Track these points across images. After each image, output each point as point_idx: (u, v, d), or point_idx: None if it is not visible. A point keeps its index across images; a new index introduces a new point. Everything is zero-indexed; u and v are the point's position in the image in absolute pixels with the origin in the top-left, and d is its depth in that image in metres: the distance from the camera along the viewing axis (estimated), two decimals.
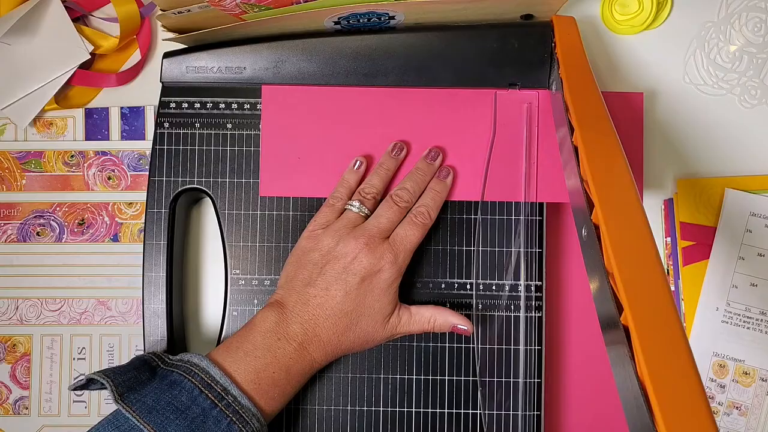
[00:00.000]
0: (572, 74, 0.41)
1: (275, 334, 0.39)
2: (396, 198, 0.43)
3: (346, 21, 0.44)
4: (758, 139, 0.49)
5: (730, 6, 0.50)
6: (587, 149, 0.36)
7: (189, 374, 0.37)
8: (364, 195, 0.43)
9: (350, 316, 0.40)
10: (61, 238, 0.50)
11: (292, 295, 0.41)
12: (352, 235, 0.41)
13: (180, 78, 0.46)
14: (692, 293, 0.47)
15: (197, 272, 0.49)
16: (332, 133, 0.45)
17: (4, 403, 0.49)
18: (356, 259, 0.40)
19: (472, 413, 0.44)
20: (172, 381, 0.37)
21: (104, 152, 0.50)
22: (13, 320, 0.49)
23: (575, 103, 0.39)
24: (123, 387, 0.36)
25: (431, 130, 0.45)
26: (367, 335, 0.41)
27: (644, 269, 0.31)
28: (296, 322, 0.40)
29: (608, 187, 0.34)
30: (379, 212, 0.42)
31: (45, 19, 0.48)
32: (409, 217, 0.43)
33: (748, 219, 0.47)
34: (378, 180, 0.44)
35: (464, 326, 0.43)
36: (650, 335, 0.28)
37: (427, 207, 0.43)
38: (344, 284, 0.40)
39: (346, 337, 0.41)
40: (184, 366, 0.38)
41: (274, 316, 0.40)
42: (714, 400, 0.47)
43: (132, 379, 0.37)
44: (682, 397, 0.27)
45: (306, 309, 0.40)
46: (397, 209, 0.42)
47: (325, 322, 0.40)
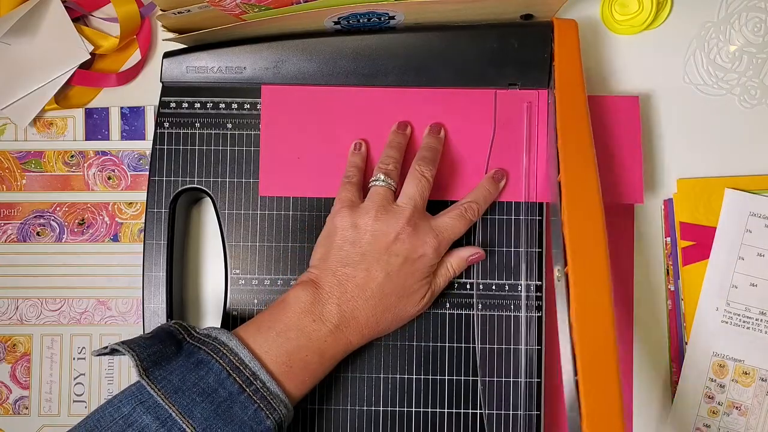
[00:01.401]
0: (564, 95, 0.42)
1: (310, 314, 0.38)
2: (420, 169, 0.42)
3: (346, 21, 0.44)
4: (758, 139, 0.49)
5: (729, 6, 0.50)
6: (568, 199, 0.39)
7: (217, 354, 0.36)
8: (385, 167, 0.42)
9: (390, 297, 0.39)
10: (61, 238, 0.50)
11: (328, 275, 0.39)
12: (392, 213, 0.40)
13: (180, 78, 0.46)
14: (692, 293, 0.47)
15: (197, 272, 0.49)
16: (332, 133, 0.45)
17: (4, 403, 0.49)
18: (398, 239, 0.39)
19: (472, 413, 0.44)
20: (199, 360, 0.36)
21: (104, 152, 0.50)
22: (13, 320, 0.49)
23: (563, 130, 0.41)
24: (148, 361, 0.35)
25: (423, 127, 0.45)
26: (404, 315, 0.41)
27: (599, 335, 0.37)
28: (332, 303, 0.38)
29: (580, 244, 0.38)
30: (409, 188, 0.41)
31: (45, 19, 0.48)
32: (459, 208, 0.42)
33: (748, 219, 0.47)
34: (394, 152, 0.43)
35: (475, 252, 0.43)
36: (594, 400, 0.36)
37: (479, 204, 0.43)
38: (386, 265, 0.39)
39: (384, 318, 0.40)
40: (212, 344, 0.36)
41: (308, 296, 0.38)
42: (714, 400, 0.47)
43: (157, 353, 0.36)
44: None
45: (343, 290, 0.39)
46: (426, 182, 0.41)
47: (365, 303, 0.39)
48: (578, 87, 0.43)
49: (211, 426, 0.34)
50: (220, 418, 0.34)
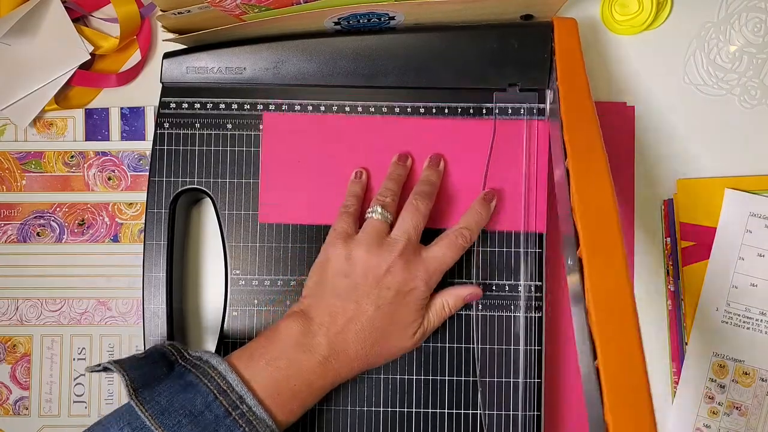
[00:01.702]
0: (568, 90, 0.42)
1: (300, 346, 0.38)
2: (416, 202, 0.42)
3: (346, 21, 0.44)
4: (758, 139, 0.49)
5: (729, 6, 0.50)
6: (577, 183, 0.37)
7: (206, 377, 0.36)
8: (383, 199, 0.42)
9: (380, 331, 0.39)
10: (61, 239, 0.50)
11: (319, 307, 0.39)
12: (385, 247, 0.40)
13: (180, 78, 0.46)
14: (692, 293, 0.47)
15: (197, 272, 0.49)
16: (332, 161, 0.45)
17: (4, 404, 0.49)
18: (389, 272, 0.39)
19: (472, 413, 0.44)
20: (188, 382, 0.36)
21: (104, 153, 0.50)
22: (13, 320, 0.50)
23: (570, 132, 0.40)
24: (138, 382, 0.35)
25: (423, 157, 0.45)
26: (394, 349, 0.41)
27: (618, 317, 0.34)
28: (322, 335, 0.38)
29: (594, 229, 0.36)
30: (404, 221, 0.41)
31: (45, 20, 0.48)
32: (450, 236, 0.41)
33: (748, 219, 0.47)
34: (393, 184, 0.43)
35: (473, 291, 0.43)
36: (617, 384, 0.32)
37: (470, 230, 0.42)
38: (377, 299, 0.39)
39: (374, 352, 0.40)
40: (201, 367, 0.37)
41: (299, 327, 0.39)
42: (714, 400, 0.47)
43: (148, 373, 0.36)
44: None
45: (334, 322, 0.39)
46: (420, 214, 0.41)
47: (355, 336, 0.39)
48: (581, 83, 0.42)
49: None
50: None
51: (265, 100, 0.46)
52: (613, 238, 0.35)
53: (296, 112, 0.45)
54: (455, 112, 0.46)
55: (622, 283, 0.34)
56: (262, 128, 0.45)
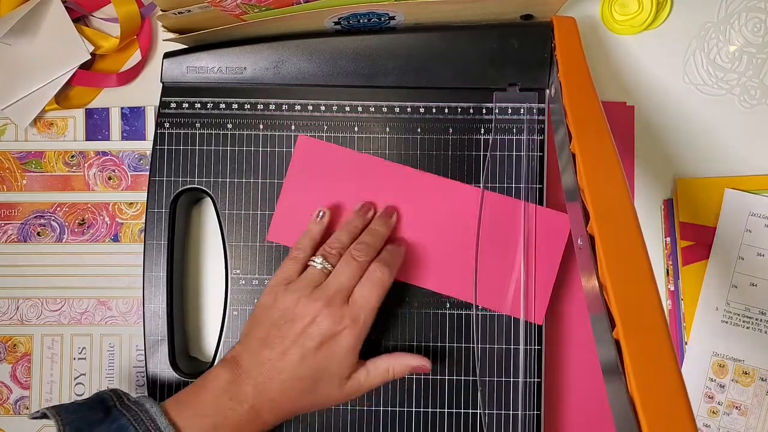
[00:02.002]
0: (571, 80, 0.41)
1: (227, 393, 0.38)
2: (355, 253, 0.41)
3: (346, 21, 0.44)
4: (758, 139, 0.49)
5: (729, 6, 0.50)
6: (584, 159, 0.36)
7: (136, 420, 0.37)
8: (328, 251, 0.41)
9: (306, 381, 0.39)
10: (61, 238, 0.50)
11: (248, 354, 0.39)
12: (313, 296, 0.39)
13: (180, 78, 0.46)
14: (692, 293, 0.47)
15: (197, 272, 0.49)
16: (349, 197, 0.45)
17: (5, 403, 0.49)
18: (314, 322, 0.39)
19: (472, 413, 0.44)
20: (120, 426, 0.37)
21: (105, 152, 0.50)
22: (13, 320, 0.50)
23: (573, 111, 0.39)
24: (71, 427, 0.36)
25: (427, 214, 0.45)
26: (322, 399, 0.40)
27: (638, 286, 0.31)
28: (249, 384, 0.38)
29: (604, 200, 0.35)
30: (339, 270, 0.40)
31: (45, 20, 0.49)
32: (366, 275, 0.41)
33: (747, 219, 0.47)
34: (345, 236, 0.42)
35: (423, 365, 0.42)
36: (641, 352, 0.29)
37: (386, 262, 0.41)
38: (301, 348, 0.39)
39: (301, 402, 0.39)
40: (134, 411, 0.37)
41: (227, 375, 0.39)
42: (714, 400, 0.47)
43: (83, 418, 0.37)
44: (670, 415, 0.27)
45: (260, 370, 0.39)
46: (356, 265, 0.41)
47: (280, 386, 0.38)
48: (586, 82, 0.42)
49: None
50: None
51: (265, 100, 0.46)
52: (626, 213, 0.34)
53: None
54: (455, 112, 0.46)
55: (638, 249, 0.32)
56: (293, 150, 0.45)
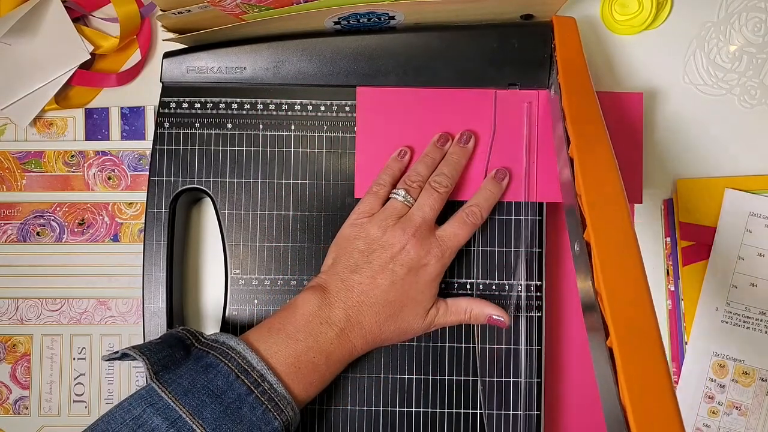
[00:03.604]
0: (570, 82, 0.41)
1: (318, 317, 0.39)
2: (435, 185, 0.42)
3: (346, 21, 0.44)
4: (758, 139, 0.49)
5: (729, 6, 0.50)
6: (582, 167, 0.37)
7: (225, 357, 0.36)
8: (409, 183, 0.43)
9: (394, 305, 0.40)
10: (61, 238, 0.50)
11: (336, 281, 0.40)
12: (399, 225, 0.41)
13: (180, 78, 0.46)
14: (692, 293, 0.47)
15: (197, 272, 0.49)
16: (420, 133, 0.45)
17: (4, 403, 0.49)
18: (404, 249, 0.40)
19: (472, 413, 0.44)
20: (208, 363, 0.36)
21: (104, 152, 0.50)
22: (13, 320, 0.50)
23: (572, 116, 0.39)
24: (158, 365, 0.36)
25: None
26: (407, 326, 0.41)
27: (632, 294, 0.32)
28: (339, 308, 0.40)
29: (601, 207, 0.35)
30: (422, 201, 0.42)
31: (45, 20, 0.48)
32: (460, 215, 0.42)
33: (747, 219, 0.47)
34: (423, 168, 0.44)
35: (500, 317, 0.43)
36: (633, 362, 0.30)
37: (480, 207, 0.43)
38: (391, 274, 0.40)
39: (388, 326, 0.41)
40: (220, 348, 0.37)
41: (316, 300, 0.40)
42: (714, 400, 0.47)
43: (167, 357, 0.37)
44: (660, 425, 0.28)
45: (350, 295, 0.40)
46: (438, 196, 0.42)
47: (369, 309, 0.40)
48: (586, 85, 0.42)
49: (220, 426, 0.34)
50: (230, 419, 0.35)
51: (265, 100, 0.46)
52: (622, 220, 0.34)
53: (388, 86, 0.45)
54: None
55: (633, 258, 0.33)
56: (356, 103, 0.45)
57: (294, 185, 0.45)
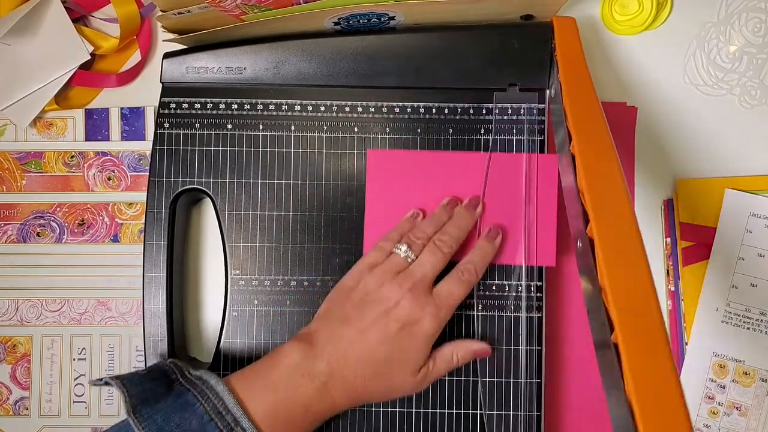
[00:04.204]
0: (571, 80, 0.41)
1: (300, 369, 0.38)
2: (440, 243, 0.41)
3: (346, 21, 0.44)
4: (758, 140, 0.49)
5: (729, 6, 0.50)
6: (584, 161, 0.37)
7: (203, 397, 0.36)
8: (413, 240, 0.42)
9: (381, 364, 0.39)
10: (61, 239, 0.50)
11: (325, 331, 0.39)
12: (397, 280, 0.40)
13: (180, 78, 0.46)
14: (692, 293, 0.47)
15: (197, 272, 0.49)
16: (429, 196, 0.45)
17: (5, 404, 0.49)
18: (399, 305, 0.39)
19: (472, 413, 0.44)
20: (186, 402, 0.36)
21: (104, 153, 0.50)
22: (13, 321, 0.50)
23: (573, 112, 0.39)
24: (137, 399, 0.36)
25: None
26: (394, 386, 0.40)
27: (636, 289, 0.32)
28: (323, 360, 0.38)
29: (604, 203, 0.35)
30: (423, 258, 0.41)
31: (45, 20, 0.48)
32: (455, 273, 0.41)
33: (748, 219, 0.47)
34: (430, 227, 0.43)
35: (484, 347, 0.43)
36: (639, 356, 0.29)
37: (475, 265, 0.42)
38: (383, 329, 0.39)
39: (374, 385, 0.39)
40: (200, 387, 0.37)
41: (301, 351, 0.39)
42: (714, 400, 0.47)
43: (148, 390, 0.37)
44: (667, 419, 0.27)
45: (336, 348, 0.39)
46: (441, 255, 0.41)
47: (356, 364, 0.38)
48: (586, 83, 0.42)
49: None
50: None
51: (265, 100, 0.46)
52: (625, 214, 0.34)
53: (398, 148, 0.45)
54: (455, 113, 0.46)
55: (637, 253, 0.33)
56: (366, 165, 0.45)
57: (294, 186, 0.45)
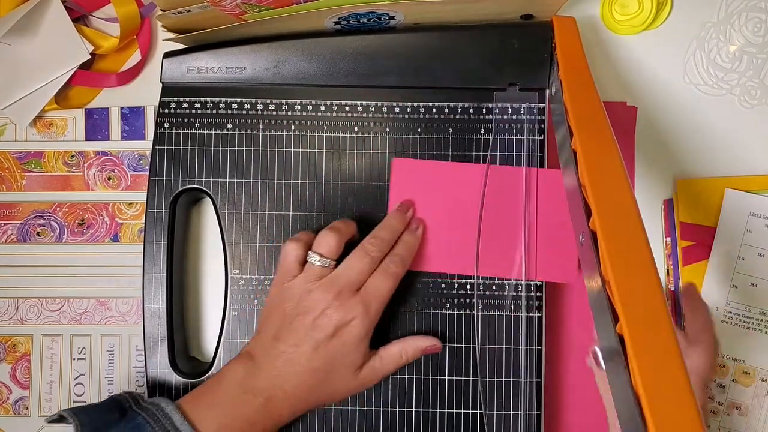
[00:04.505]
0: (572, 77, 0.41)
1: (242, 386, 0.39)
2: (369, 247, 0.41)
3: (346, 21, 0.44)
4: (758, 139, 0.49)
5: (729, 6, 0.50)
6: (585, 155, 0.37)
7: (153, 419, 0.37)
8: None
9: (320, 372, 0.39)
10: (61, 239, 0.50)
11: (262, 349, 0.40)
12: (321, 287, 0.40)
13: (180, 78, 0.46)
14: None
15: (197, 272, 0.49)
16: (453, 206, 0.45)
17: (4, 403, 0.49)
18: (324, 313, 0.39)
19: (472, 413, 0.44)
20: (136, 425, 0.37)
21: (104, 152, 0.50)
22: (13, 320, 0.50)
23: (574, 108, 0.39)
24: (89, 427, 0.38)
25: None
26: (337, 390, 0.40)
27: (641, 279, 0.31)
28: (263, 377, 0.39)
29: (606, 195, 0.35)
30: (350, 262, 0.41)
31: (45, 20, 0.48)
32: (381, 267, 0.41)
33: (747, 219, 0.47)
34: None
35: (433, 344, 0.43)
36: (645, 346, 0.29)
37: (401, 257, 0.42)
38: (313, 340, 0.39)
39: (315, 394, 0.40)
40: (151, 411, 0.38)
41: (242, 369, 0.39)
42: (714, 400, 0.47)
43: (99, 419, 0.38)
44: (675, 409, 0.27)
45: (274, 364, 0.39)
46: (369, 260, 0.41)
47: (294, 378, 0.39)
48: (587, 80, 0.42)
49: None
50: None
51: (265, 100, 0.46)
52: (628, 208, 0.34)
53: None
54: (455, 112, 0.46)
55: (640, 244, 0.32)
56: (390, 174, 0.45)
57: (294, 185, 0.45)
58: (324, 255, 0.41)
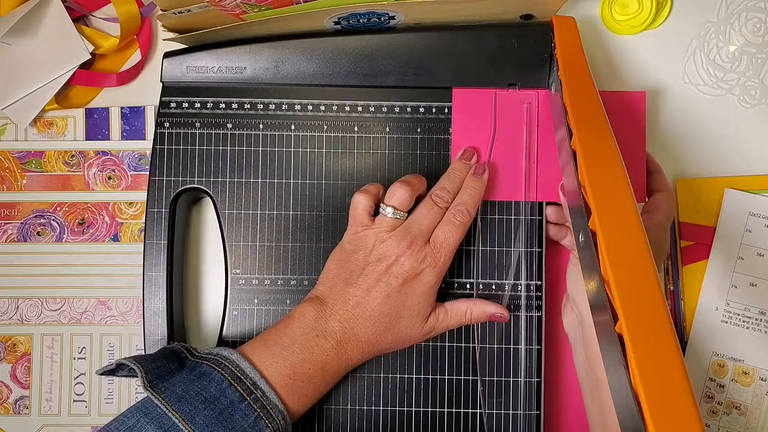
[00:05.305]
0: (571, 77, 0.41)
1: (314, 330, 0.39)
2: (436, 198, 0.42)
3: (346, 21, 0.44)
4: (758, 139, 0.49)
5: (729, 6, 0.50)
6: (585, 155, 0.37)
7: (219, 366, 0.37)
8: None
9: (390, 317, 0.40)
10: (61, 238, 0.50)
11: (333, 293, 0.41)
12: (395, 236, 0.41)
13: (180, 78, 0.46)
14: (692, 293, 0.47)
15: (197, 272, 0.49)
16: (511, 136, 0.45)
17: (5, 403, 0.49)
18: (398, 261, 0.40)
19: (472, 413, 0.44)
20: (202, 372, 0.37)
21: (104, 152, 0.50)
22: (13, 320, 0.50)
23: (574, 108, 0.39)
24: (152, 374, 0.37)
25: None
26: (405, 336, 0.42)
27: (640, 279, 0.32)
28: (336, 320, 0.40)
29: (605, 195, 0.35)
30: (420, 214, 0.42)
31: (45, 19, 0.49)
32: (447, 216, 0.42)
33: (747, 219, 0.47)
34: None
35: (501, 313, 0.43)
36: (644, 345, 0.29)
37: (466, 205, 0.42)
38: (385, 286, 0.40)
39: (385, 338, 0.41)
40: (213, 358, 0.38)
41: (313, 312, 0.40)
42: (713, 400, 0.47)
43: (161, 367, 0.37)
44: (674, 408, 0.27)
45: (346, 307, 0.40)
46: (437, 210, 0.42)
47: (365, 321, 0.40)
48: (587, 80, 0.42)
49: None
50: (222, 425, 0.35)
51: (265, 100, 0.46)
52: (627, 205, 0.34)
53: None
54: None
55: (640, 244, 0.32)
56: (451, 105, 0.45)
57: (294, 185, 0.46)
58: (397, 208, 0.42)
